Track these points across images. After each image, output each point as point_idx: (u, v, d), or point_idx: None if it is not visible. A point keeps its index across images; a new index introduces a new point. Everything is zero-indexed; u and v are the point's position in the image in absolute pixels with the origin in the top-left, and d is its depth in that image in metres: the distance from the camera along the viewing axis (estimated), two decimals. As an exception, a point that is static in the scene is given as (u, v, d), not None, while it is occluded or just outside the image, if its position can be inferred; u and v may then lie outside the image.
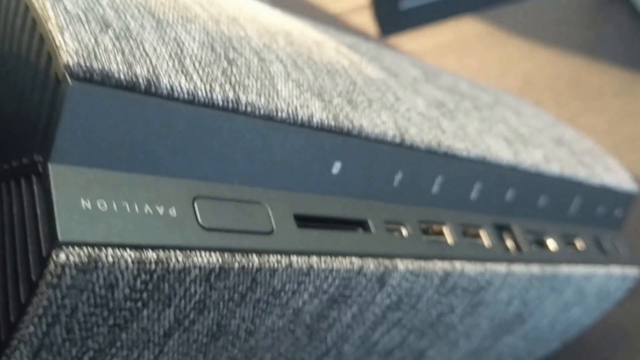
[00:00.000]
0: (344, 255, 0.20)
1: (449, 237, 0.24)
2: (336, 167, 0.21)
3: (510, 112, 0.32)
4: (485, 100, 0.32)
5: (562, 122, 0.38)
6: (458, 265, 0.24)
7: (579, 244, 0.31)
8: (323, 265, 0.20)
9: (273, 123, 0.19)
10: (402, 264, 0.22)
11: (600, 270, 0.31)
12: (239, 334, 0.20)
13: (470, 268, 0.24)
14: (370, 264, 0.21)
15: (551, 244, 0.29)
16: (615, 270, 0.32)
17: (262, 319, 0.20)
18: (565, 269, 0.29)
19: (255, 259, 0.18)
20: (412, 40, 0.79)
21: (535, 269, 0.27)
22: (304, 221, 0.20)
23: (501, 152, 0.26)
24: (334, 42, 0.27)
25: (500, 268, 0.25)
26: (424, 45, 0.79)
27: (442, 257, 0.23)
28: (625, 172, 0.35)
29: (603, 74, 0.77)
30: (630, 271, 0.33)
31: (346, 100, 0.22)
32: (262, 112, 0.19)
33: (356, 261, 0.21)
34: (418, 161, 0.24)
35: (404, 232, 0.23)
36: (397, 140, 0.23)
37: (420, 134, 0.23)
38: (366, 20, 0.75)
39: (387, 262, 0.21)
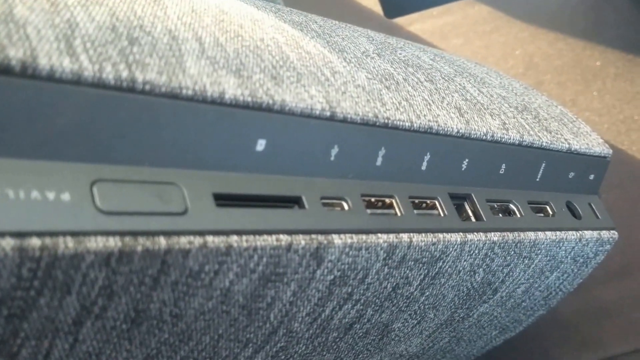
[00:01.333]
0: (269, 233, 0.20)
1: (397, 210, 0.24)
2: (260, 145, 0.21)
3: (473, 82, 0.32)
4: (445, 72, 0.31)
5: (535, 90, 0.38)
6: (405, 237, 0.24)
7: (550, 210, 0.31)
8: (245, 244, 0.19)
9: (178, 101, 0.19)
10: (339, 239, 0.22)
11: (572, 236, 0.31)
12: (164, 318, 0.19)
13: (420, 239, 0.24)
14: (302, 241, 0.21)
15: (517, 211, 0.29)
16: (590, 234, 0.32)
17: (186, 301, 0.19)
18: (530, 236, 0.29)
19: (162, 240, 0.18)
20: (418, 23, 0.80)
21: (495, 237, 0.27)
22: (225, 200, 0.20)
23: (450, 122, 0.26)
24: (277, 19, 0.26)
25: (455, 238, 0.25)
26: (429, 28, 0.81)
27: (388, 230, 0.23)
28: (597, 136, 0.35)
29: (603, 56, 0.79)
30: (607, 234, 0.33)
31: (270, 76, 0.21)
32: (163, 90, 0.18)
33: (284, 238, 0.20)
34: (355, 134, 0.23)
35: (345, 206, 0.23)
36: (327, 114, 0.22)
37: (355, 107, 0.23)
38: (372, 3, 0.76)
39: (321, 237, 0.21)
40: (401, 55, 0.30)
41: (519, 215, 0.29)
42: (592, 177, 0.34)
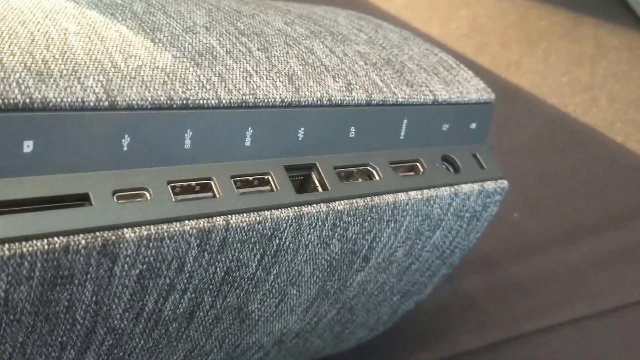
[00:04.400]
0: (39, 237, 0.19)
1: (216, 191, 0.23)
2: (27, 146, 0.20)
3: (328, 43, 0.30)
4: (294, 35, 0.30)
5: (418, 39, 0.36)
6: (220, 220, 0.23)
7: (421, 167, 0.30)
8: (7, 252, 0.19)
9: None
10: (132, 233, 0.21)
11: (444, 192, 0.30)
12: None
13: (240, 220, 0.23)
14: (81, 240, 0.20)
15: (376, 174, 0.28)
16: (469, 187, 0.31)
17: None
18: (389, 199, 0.28)
19: None
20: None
21: (341, 206, 0.26)
22: None
23: (273, 92, 0.25)
24: (86, 6, 0.25)
25: (286, 213, 0.24)
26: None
27: (198, 216, 0.22)
28: (478, 81, 0.33)
29: (550, 15, 0.77)
30: (493, 185, 0.32)
31: (35, 72, 0.20)
32: None
33: (57, 240, 0.20)
34: (149, 120, 0.22)
35: (147, 196, 0.22)
36: (105, 104, 0.21)
37: (143, 92, 0.22)
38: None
39: (107, 234, 0.20)
40: (242, 24, 0.29)
41: (377, 178, 0.28)
42: (473, 125, 0.32)
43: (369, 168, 0.28)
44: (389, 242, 0.30)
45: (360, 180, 0.28)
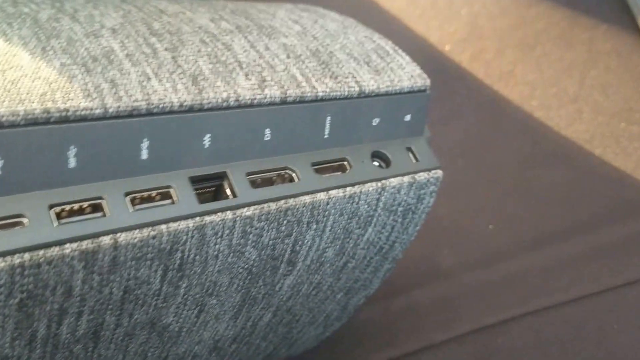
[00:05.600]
0: None
1: (106, 211, 0.22)
2: None
3: (251, 37, 0.29)
4: (215, 32, 0.28)
5: (360, 26, 0.35)
6: (107, 239, 0.21)
7: (347, 165, 0.29)
8: None
9: None
10: (1, 263, 0.20)
11: (369, 188, 0.29)
12: None
13: (129, 237, 0.22)
14: None
15: (295, 177, 0.27)
16: (398, 181, 0.30)
17: None
18: (305, 200, 0.27)
19: None
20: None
21: (249, 212, 0.25)
22: None
23: (172, 95, 0.23)
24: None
25: (184, 225, 0.23)
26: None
27: (80, 238, 0.21)
28: (414, 67, 0.31)
29: (548, 16, 0.79)
30: (425, 176, 0.31)
31: None
32: None
33: None
34: (21, 138, 0.20)
35: (25, 222, 0.20)
36: None
37: (15, 106, 0.20)
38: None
39: None
40: (159, 24, 0.27)
41: (297, 181, 0.27)
42: (408, 117, 0.31)
43: (288, 172, 0.27)
44: (314, 244, 0.29)
45: (282, 185, 0.27)
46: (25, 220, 0.20)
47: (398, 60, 0.32)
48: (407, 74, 0.31)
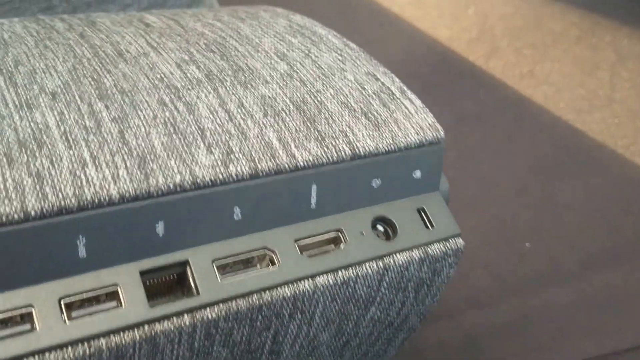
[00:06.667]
0: None
1: (36, 323, 0.20)
2: None
3: (219, 91, 0.25)
4: (176, 85, 0.25)
5: (363, 57, 0.29)
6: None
7: (342, 238, 0.24)
8: None
9: None
10: None
11: (368, 270, 0.24)
12: None
13: (60, 357, 0.19)
14: None
15: (275, 258, 0.23)
16: (405, 258, 0.25)
17: None
18: (285, 292, 0.23)
19: None
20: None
21: (213, 314, 0.22)
22: None
23: (108, 187, 0.21)
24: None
25: (131, 337, 0.20)
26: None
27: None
28: (426, 116, 0.26)
29: (565, 15, 0.71)
30: (440, 248, 0.26)
31: None
32: None
33: None
34: None
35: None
36: None
37: None
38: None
39: None
40: (111, 78, 0.24)
41: (277, 263, 0.23)
42: (417, 174, 0.26)
43: (265, 252, 0.23)
44: (301, 332, 0.26)
45: (259, 267, 0.23)
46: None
47: (405, 106, 0.26)
48: (415, 125, 0.26)
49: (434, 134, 0.26)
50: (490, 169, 0.54)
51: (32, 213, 0.19)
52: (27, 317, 0.20)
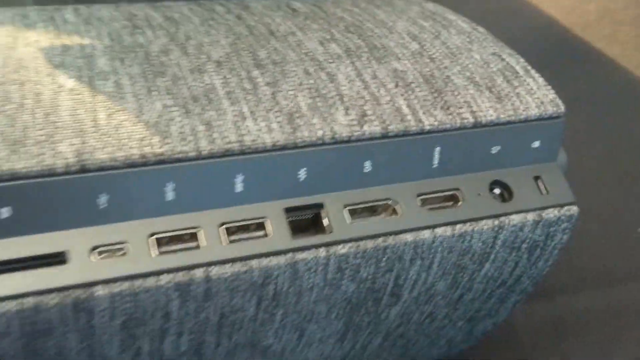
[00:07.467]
0: (9, 298, 0.21)
1: (202, 242, 0.23)
2: (6, 211, 0.21)
3: (355, 64, 0.28)
4: (321, 58, 0.28)
5: (489, 40, 0.31)
6: (200, 273, 0.23)
7: (460, 197, 0.27)
8: None
9: None
10: (103, 290, 0.22)
11: (484, 226, 0.26)
12: None
13: (221, 271, 0.23)
14: (50, 301, 0.21)
15: (399, 209, 0.26)
16: (519, 219, 0.27)
17: None
18: (407, 238, 0.25)
19: None
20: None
21: (344, 249, 0.25)
22: None
23: (265, 136, 0.24)
24: (90, 57, 0.26)
25: (276, 261, 0.24)
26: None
27: (176, 269, 0.23)
28: (548, 92, 0.28)
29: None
30: (556, 212, 0.28)
31: (11, 142, 0.22)
32: None
33: (26, 301, 0.21)
34: (124, 178, 0.22)
35: (127, 250, 0.22)
36: (75, 169, 0.22)
37: (115, 152, 0.22)
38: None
39: (78, 292, 0.21)
40: (265, 52, 0.28)
41: (400, 213, 0.26)
42: (536, 144, 0.28)
43: (390, 203, 0.26)
44: (420, 279, 0.28)
45: (384, 216, 0.26)
46: (126, 247, 0.22)
47: (528, 83, 0.29)
48: (537, 100, 0.28)
49: (555, 109, 0.28)
50: (604, 151, 0.54)
51: (203, 153, 0.23)
52: (194, 237, 0.23)
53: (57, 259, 0.22)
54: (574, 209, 0.28)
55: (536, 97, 0.28)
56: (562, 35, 0.65)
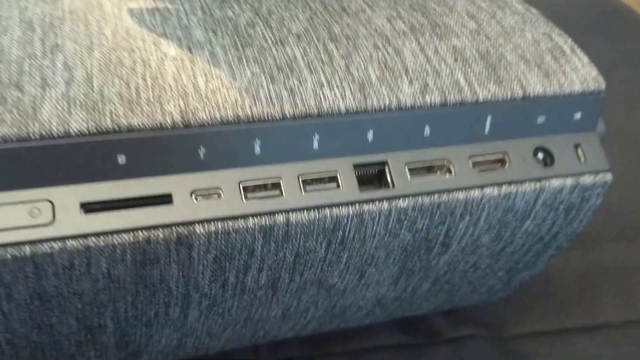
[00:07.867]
0: (127, 231, 0.24)
1: (283, 191, 0.26)
2: (121, 158, 0.25)
3: (419, 41, 0.31)
4: (389, 34, 0.31)
5: (541, 20, 0.34)
6: (281, 218, 0.26)
7: (507, 160, 0.30)
8: (102, 243, 0.24)
9: (31, 143, 0.24)
10: (201, 229, 0.25)
11: (528, 187, 0.29)
12: (65, 295, 0.26)
13: (300, 217, 0.26)
14: (160, 234, 0.25)
15: (452, 169, 0.29)
16: (559, 182, 0.30)
17: (76, 283, 0.25)
18: (459, 196, 0.29)
19: (27, 248, 0.23)
20: None
21: (404, 203, 0.28)
22: (93, 207, 0.24)
23: (339, 102, 0.27)
24: (187, 28, 0.29)
25: (345, 211, 0.27)
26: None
27: (261, 213, 0.26)
28: (591, 70, 0.31)
29: None
30: (590, 179, 0.31)
31: (127, 101, 0.25)
32: (15, 140, 0.23)
33: (141, 234, 0.24)
34: (220, 135, 0.26)
35: (221, 195, 0.26)
36: (180, 125, 0.25)
37: (214, 113, 0.25)
38: None
39: (181, 229, 0.25)
40: (338, 27, 0.31)
41: (453, 174, 0.29)
42: (578, 115, 0.31)
43: (445, 163, 0.29)
44: (468, 232, 0.31)
45: (439, 175, 0.29)
46: (220, 192, 0.26)
47: (574, 61, 0.32)
48: (581, 77, 0.31)
49: (596, 85, 0.31)
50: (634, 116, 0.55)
51: (287, 115, 0.26)
52: (275, 186, 0.27)
53: (164, 199, 0.25)
54: (609, 177, 0.31)
55: (580, 74, 0.31)
56: (611, 4, 0.66)
